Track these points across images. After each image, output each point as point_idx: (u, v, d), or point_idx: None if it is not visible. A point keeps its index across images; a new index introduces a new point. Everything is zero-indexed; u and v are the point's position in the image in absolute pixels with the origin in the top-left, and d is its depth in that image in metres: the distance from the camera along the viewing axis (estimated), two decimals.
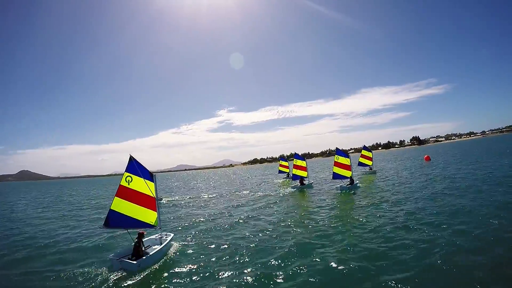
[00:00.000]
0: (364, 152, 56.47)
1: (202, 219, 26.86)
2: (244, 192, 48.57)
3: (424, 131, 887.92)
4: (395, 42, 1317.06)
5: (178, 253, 17.38)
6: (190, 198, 45.36)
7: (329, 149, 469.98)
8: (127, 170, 17.22)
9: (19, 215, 39.61)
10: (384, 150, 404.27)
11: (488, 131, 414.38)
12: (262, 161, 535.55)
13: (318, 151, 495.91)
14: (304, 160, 44.92)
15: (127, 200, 17.09)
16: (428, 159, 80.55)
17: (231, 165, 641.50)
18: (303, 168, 44.64)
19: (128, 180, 17.21)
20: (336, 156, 37.91)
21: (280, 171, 69.21)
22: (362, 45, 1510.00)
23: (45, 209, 45.24)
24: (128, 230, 17.53)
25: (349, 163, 37.45)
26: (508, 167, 41.38)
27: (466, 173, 41.62)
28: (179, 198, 46.01)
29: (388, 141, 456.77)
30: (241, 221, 25.06)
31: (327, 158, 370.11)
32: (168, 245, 17.80)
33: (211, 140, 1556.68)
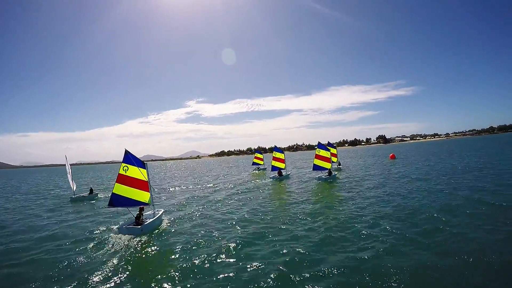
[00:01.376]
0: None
1: (184, 202, 30.75)
2: (220, 181, 50.81)
3: (391, 130, 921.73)
4: (366, 42, 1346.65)
5: (168, 223, 21.64)
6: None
7: (297, 144, 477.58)
8: (123, 161, 20.53)
9: None
10: (350, 147, 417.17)
11: (452, 134, 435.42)
12: (229, 153, 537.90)
13: (286, 146, 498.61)
14: (283, 152, 47.65)
15: (125, 185, 20.42)
16: (393, 157, 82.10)
17: (198, 157, 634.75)
18: (282, 160, 47.42)
19: (125, 169, 20.52)
20: (317, 149, 40.32)
21: (254, 163, 71.80)
22: (334, 43, 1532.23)
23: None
24: (128, 208, 21.19)
25: (329, 156, 40.22)
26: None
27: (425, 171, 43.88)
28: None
29: (355, 139, 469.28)
30: (219, 204, 28.43)
31: (294, 152, 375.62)
32: (161, 217, 21.73)
33: (179, 130, 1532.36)
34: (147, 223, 19.26)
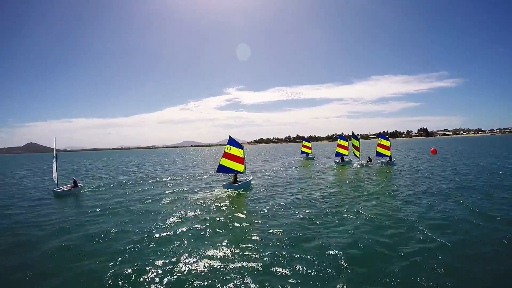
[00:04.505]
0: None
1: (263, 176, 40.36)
2: (287, 167, 55.66)
3: (432, 123, 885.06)
4: (409, 32, 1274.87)
5: (255, 186, 32.02)
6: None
7: (336, 133, 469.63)
8: (228, 143, 30.46)
9: None
10: (391, 138, 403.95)
11: (496, 130, 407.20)
12: (268, 141, 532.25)
13: (325, 135, 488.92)
14: (347, 140, 52.24)
15: (228, 159, 30.38)
16: (434, 152, 78.03)
17: None
18: (345, 147, 52.10)
19: (229, 149, 30.37)
20: (379, 138, 46.90)
21: (302, 152, 70.80)
22: (376, 31, 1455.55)
23: None
24: (229, 174, 31.64)
25: (389, 145, 46.27)
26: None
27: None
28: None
29: (395, 130, 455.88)
30: (296, 182, 34.34)
31: (333, 142, 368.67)
32: (250, 182, 32.76)
33: (218, 117, 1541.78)
34: (241, 183, 30.04)
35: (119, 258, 12.92)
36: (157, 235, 15.76)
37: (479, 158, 55.32)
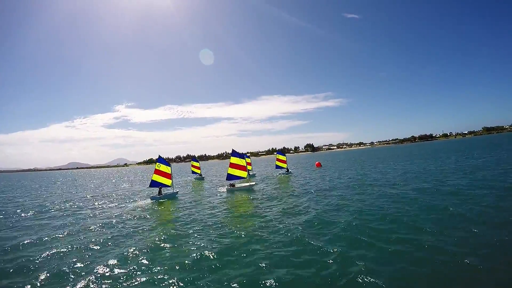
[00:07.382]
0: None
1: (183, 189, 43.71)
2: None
3: (319, 139, 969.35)
4: (299, 56, 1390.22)
5: (179, 197, 37.26)
6: None
7: (226, 152, 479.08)
8: (157, 161, 36.59)
9: None
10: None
11: (376, 142, 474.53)
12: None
13: (215, 154, 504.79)
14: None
15: (158, 175, 36.55)
16: (319, 165, 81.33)
17: (125, 165, 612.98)
18: (284, 161, 59.05)
19: (158, 166, 36.63)
20: (277, 154, 58.19)
21: (193, 172, 69.14)
22: (266, 54, 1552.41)
23: None
24: (160, 188, 36.68)
25: (285, 159, 57.71)
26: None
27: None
28: None
29: (284, 147, 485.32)
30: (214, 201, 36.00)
31: (223, 160, 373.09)
32: (174, 194, 37.94)
33: (107, 136, 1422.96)
34: (165, 194, 36.13)
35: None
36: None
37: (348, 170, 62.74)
